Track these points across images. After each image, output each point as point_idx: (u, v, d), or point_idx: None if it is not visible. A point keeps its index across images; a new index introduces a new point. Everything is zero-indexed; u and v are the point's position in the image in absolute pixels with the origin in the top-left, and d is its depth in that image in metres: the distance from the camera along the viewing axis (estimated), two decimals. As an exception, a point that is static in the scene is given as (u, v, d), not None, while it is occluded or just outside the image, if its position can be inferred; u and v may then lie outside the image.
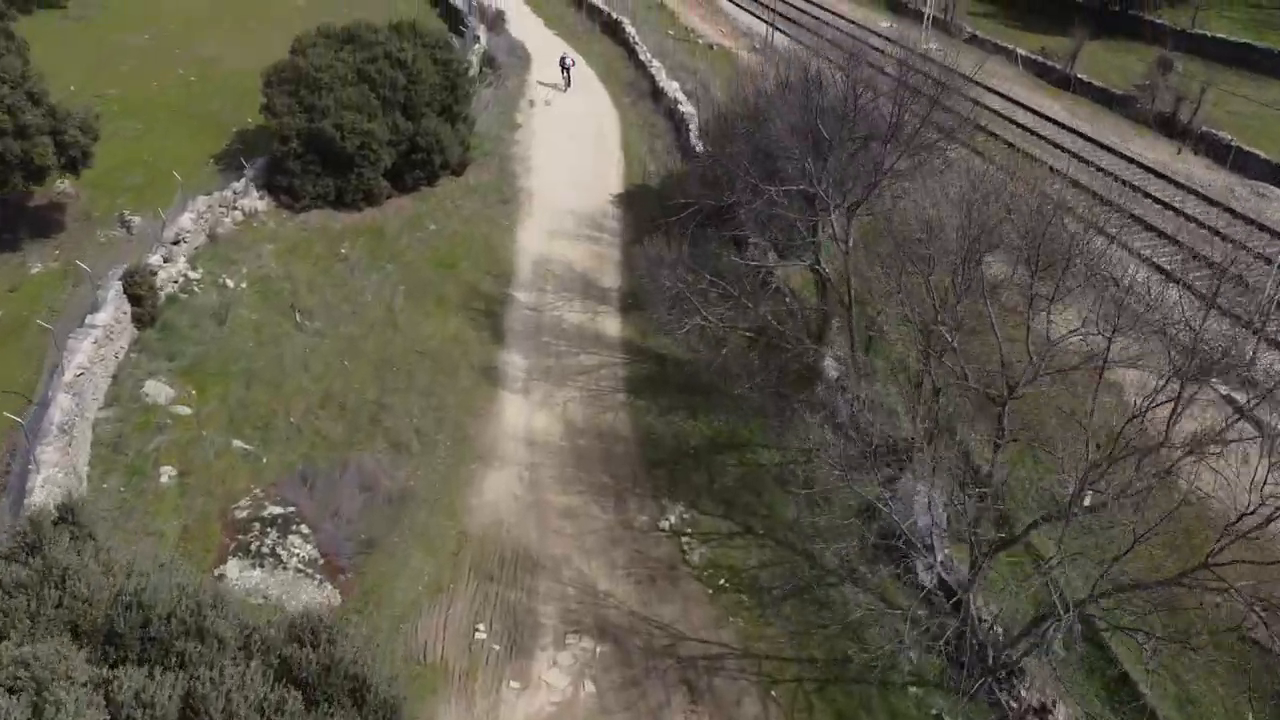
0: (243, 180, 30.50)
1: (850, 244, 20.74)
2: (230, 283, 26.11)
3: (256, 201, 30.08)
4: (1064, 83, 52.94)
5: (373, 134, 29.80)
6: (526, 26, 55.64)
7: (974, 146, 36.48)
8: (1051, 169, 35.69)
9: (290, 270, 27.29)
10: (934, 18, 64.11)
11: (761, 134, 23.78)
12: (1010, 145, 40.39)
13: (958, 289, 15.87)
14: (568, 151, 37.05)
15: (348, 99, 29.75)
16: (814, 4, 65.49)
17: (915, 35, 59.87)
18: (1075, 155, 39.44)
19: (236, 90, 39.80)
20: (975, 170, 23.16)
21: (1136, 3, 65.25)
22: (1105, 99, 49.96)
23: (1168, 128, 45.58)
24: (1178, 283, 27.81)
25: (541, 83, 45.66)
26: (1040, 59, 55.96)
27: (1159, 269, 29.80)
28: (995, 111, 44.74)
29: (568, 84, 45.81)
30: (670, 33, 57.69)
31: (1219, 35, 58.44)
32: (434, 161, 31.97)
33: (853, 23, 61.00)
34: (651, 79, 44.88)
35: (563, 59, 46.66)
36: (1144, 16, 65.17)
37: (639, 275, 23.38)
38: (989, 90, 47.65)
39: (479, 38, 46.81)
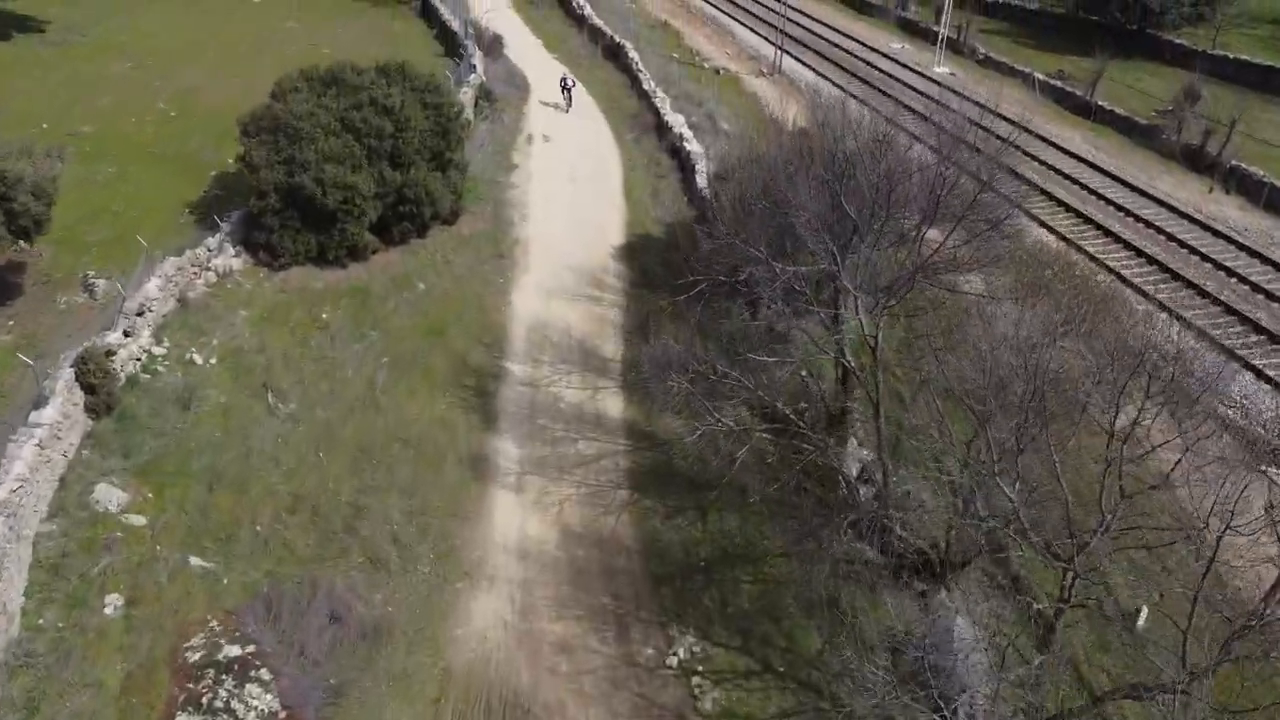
0: (217, 236, 28.29)
1: (879, 340, 18.48)
2: (199, 358, 23.86)
3: (232, 260, 27.84)
4: (1084, 110, 50.64)
5: (357, 188, 27.55)
6: (526, 50, 53.39)
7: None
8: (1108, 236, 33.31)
9: (265, 341, 25.03)
10: (946, 38, 61.82)
11: (778, 211, 21.44)
12: (1030, 184, 38.01)
13: (1020, 442, 13.59)
14: (567, 195, 34.81)
15: (330, 150, 27.51)
16: (823, 24, 63.20)
17: (928, 58, 57.67)
18: (1100, 196, 37.11)
19: (217, 127, 37.55)
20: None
21: (1155, 22, 62.90)
22: (1128, 128, 47.67)
23: (1195, 160, 43.29)
24: (1230, 354, 25.55)
25: (543, 102, 43.64)
26: (1058, 83, 53.65)
27: (1202, 333, 27.53)
28: (1003, 139, 42.34)
29: (569, 105, 44.22)
30: (675, 55, 55.44)
31: (1242, 57, 56.16)
32: (424, 214, 29.73)
33: (863, 44, 58.66)
34: (656, 112, 42.60)
35: (563, 80, 45.15)
36: (1163, 36, 62.88)
37: (644, 375, 21.05)
38: (1006, 120, 45.38)
39: (475, 66, 44.53)
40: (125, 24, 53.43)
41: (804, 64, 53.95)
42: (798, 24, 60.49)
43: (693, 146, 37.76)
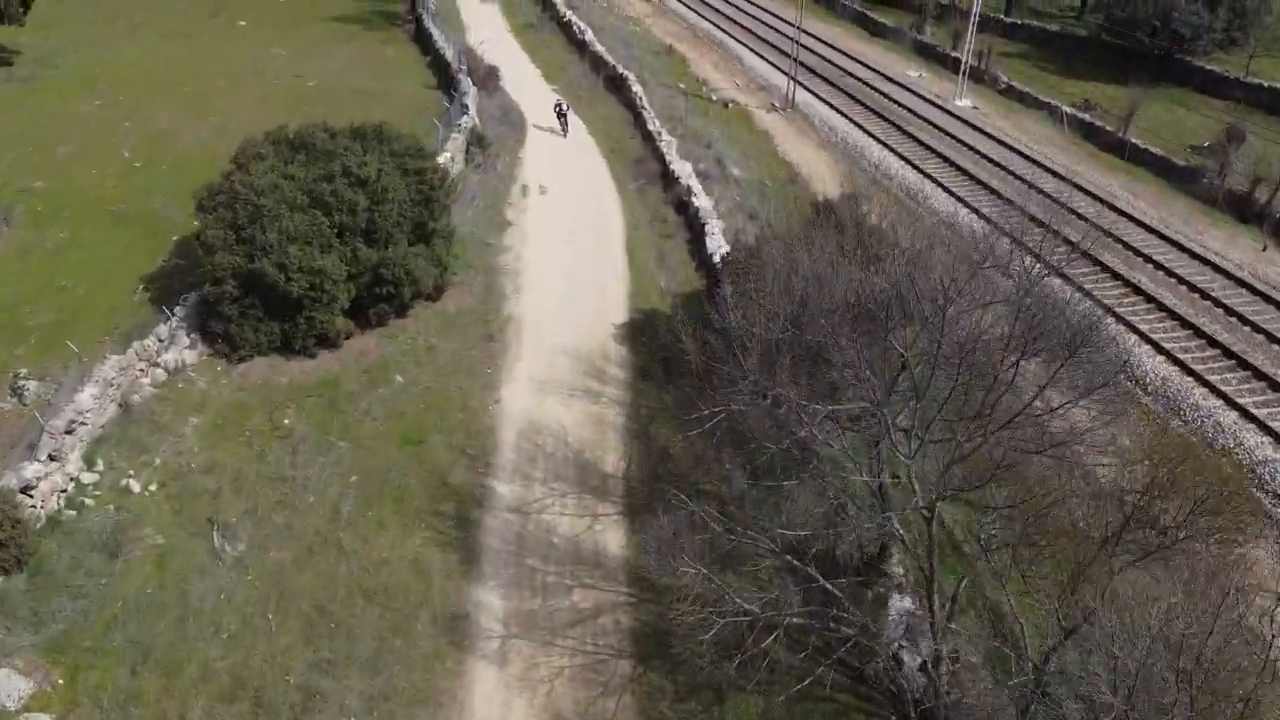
0: (170, 323, 24.99)
1: (936, 508, 15.08)
2: (136, 485, 20.53)
3: (185, 353, 24.50)
4: (1116, 147, 47.10)
5: (325, 272, 24.22)
6: (523, 81, 49.99)
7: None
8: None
9: (216, 458, 21.69)
10: (965, 65, 58.35)
11: (808, 325, 18.02)
12: (1067, 242, 34.51)
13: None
14: (564, 259, 31.43)
15: (295, 230, 24.15)
16: (836, 49, 59.69)
17: (948, 88, 54.16)
18: (1145, 257, 33.61)
19: (185, 179, 34.19)
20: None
21: (1185, 48, 59.37)
22: (1164, 169, 44.17)
23: (1241, 209, 39.90)
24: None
25: (538, 126, 40.43)
26: (1087, 117, 50.13)
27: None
28: (1039, 189, 38.93)
29: (565, 130, 42.72)
30: (681, 86, 51.99)
31: (1279, 85, 52.70)
32: (403, 294, 26.38)
33: (878, 72, 55.15)
34: (661, 157, 39.17)
35: (558, 106, 43.41)
36: (1193, 62, 59.36)
37: (649, 534, 17.63)
38: (1035, 164, 41.92)
39: (467, 106, 41.12)
40: (102, 54, 50.13)
41: (818, 96, 50.47)
42: (810, 49, 56.98)
43: (701, 202, 34.34)
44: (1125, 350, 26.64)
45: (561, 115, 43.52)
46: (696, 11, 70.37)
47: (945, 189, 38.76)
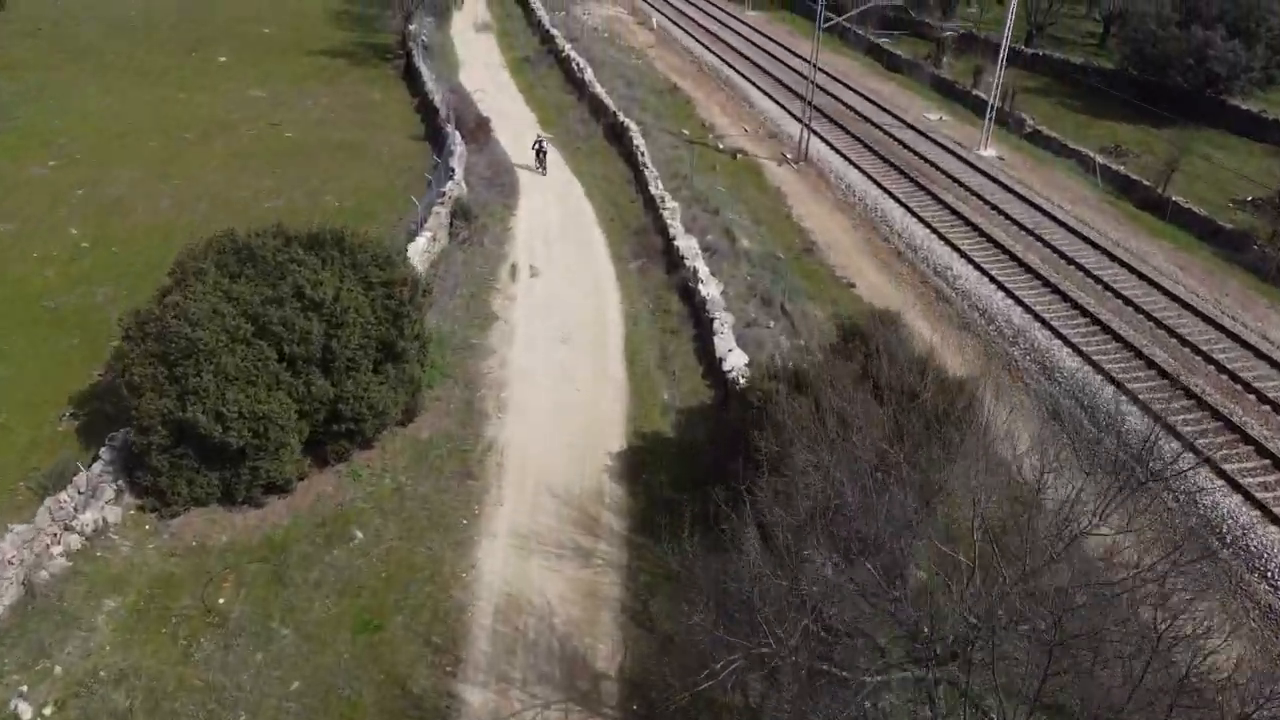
0: (94, 469, 21.30)
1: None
2: (27, 709, 16.82)
3: (107, 509, 20.77)
4: (1154, 205, 43.32)
5: (271, 418, 20.49)
6: (519, 129, 46.26)
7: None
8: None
9: (132, 660, 17.96)
10: (981, 101, 54.53)
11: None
12: (1109, 332, 30.79)
13: None
14: (555, 366, 27.68)
15: (236, 368, 20.42)
16: (850, 88, 55.83)
17: (970, 133, 50.33)
18: (1204, 354, 29.75)
19: (136, 263, 30.65)
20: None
21: (1222, 87, 55.54)
22: (1210, 231, 40.46)
23: (1298, 283, 36.16)
24: None
25: (517, 165, 37.24)
26: (1122, 169, 46.30)
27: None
28: (1079, 265, 35.21)
29: (543, 169, 41.46)
30: (685, 132, 48.29)
31: (1320, 129, 48.73)
32: (365, 430, 22.66)
33: (897, 117, 51.30)
34: (664, 230, 35.41)
35: (537, 143, 41.87)
36: (1228, 101, 55.54)
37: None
38: (1073, 232, 38.06)
39: (454, 171, 37.35)
40: (65, 101, 46.39)
41: (833, 147, 46.67)
42: (822, 88, 53.14)
43: (709, 291, 30.57)
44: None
45: (540, 153, 41.49)
46: (701, 43, 66.57)
47: (977, 266, 34.93)
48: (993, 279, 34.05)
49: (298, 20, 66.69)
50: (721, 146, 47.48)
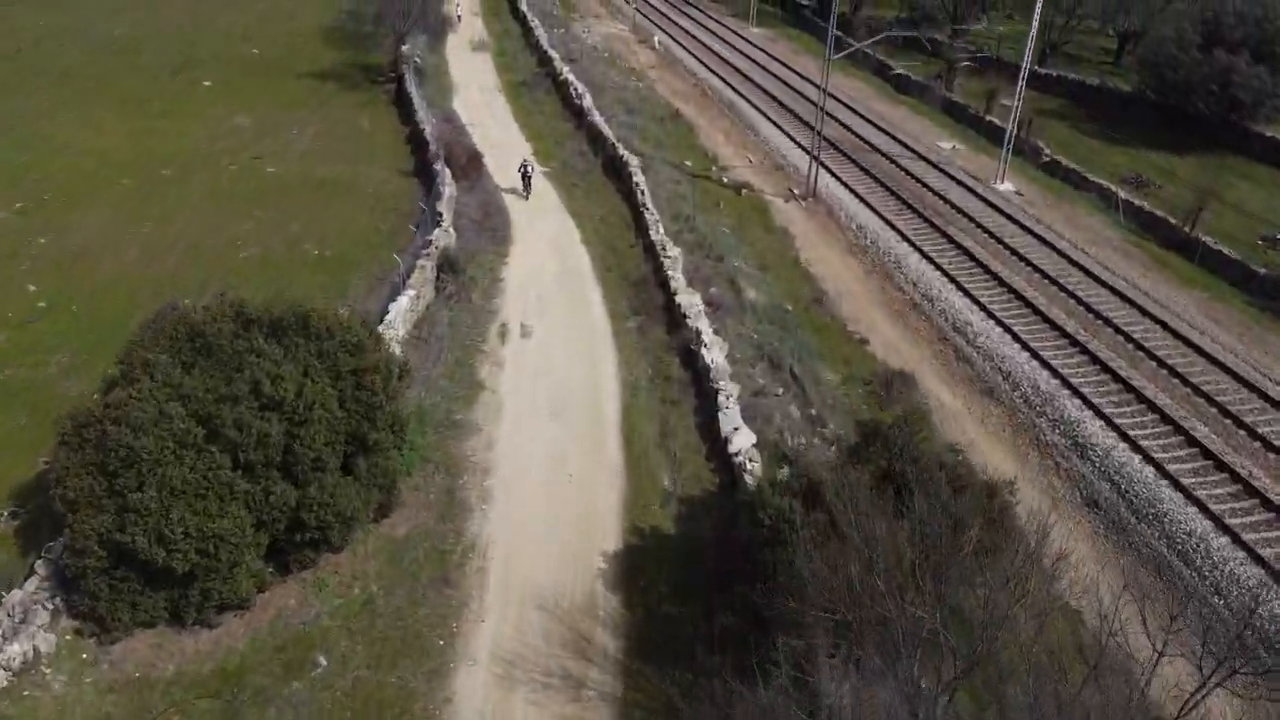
0: (27, 587, 19.00)
1: None
2: None
3: (40, 636, 18.45)
4: (1180, 245, 40.93)
5: (223, 538, 18.17)
6: (512, 159, 43.79)
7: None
8: None
9: (54, 834, 15.68)
10: (993, 125, 52.14)
11: None
12: (1145, 401, 28.36)
13: None
14: (545, 446, 25.30)
15: (183, 481, 18.09)
16: (860, 114, 53.39)
17: (985, 164, 47.91)
18: (1248, 429, 27.28)
19: (97, 326, 28.34)
20: None
21: (1246, 113, 53.11)
22: (1242, 276, 38.14)
23: (1340, 337, 33.72)
24: None
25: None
26: (1146, 206, 43.85)
27: None
28: (1108, 320, 32.79)
29: (528, 193, 40.27)
30: (688, 164, 45.92)
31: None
32: (330, 538, 20.33)
33: (909, 147, 48.86)
34: (665, 283, 33.04)
35: (523, 167, 40.56)
36: (1253, 128, 53.10)
37: None
38: (1099, 282, 35.61)
39: (441, 217, 34.99)
40: (39, 132, 44.21)
41: (842, 182, 44.27)
42: (831, 114, 50.71)
43: (713, 356, 28.19)
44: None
45: (526, 177, 40.30)
46: (704, 64, 64.13)
47: (998, 321, 32.51)
48: (1016, 337, 31.64)
49: (288, 39, 64.32)
50: (726, 180, 45.08)
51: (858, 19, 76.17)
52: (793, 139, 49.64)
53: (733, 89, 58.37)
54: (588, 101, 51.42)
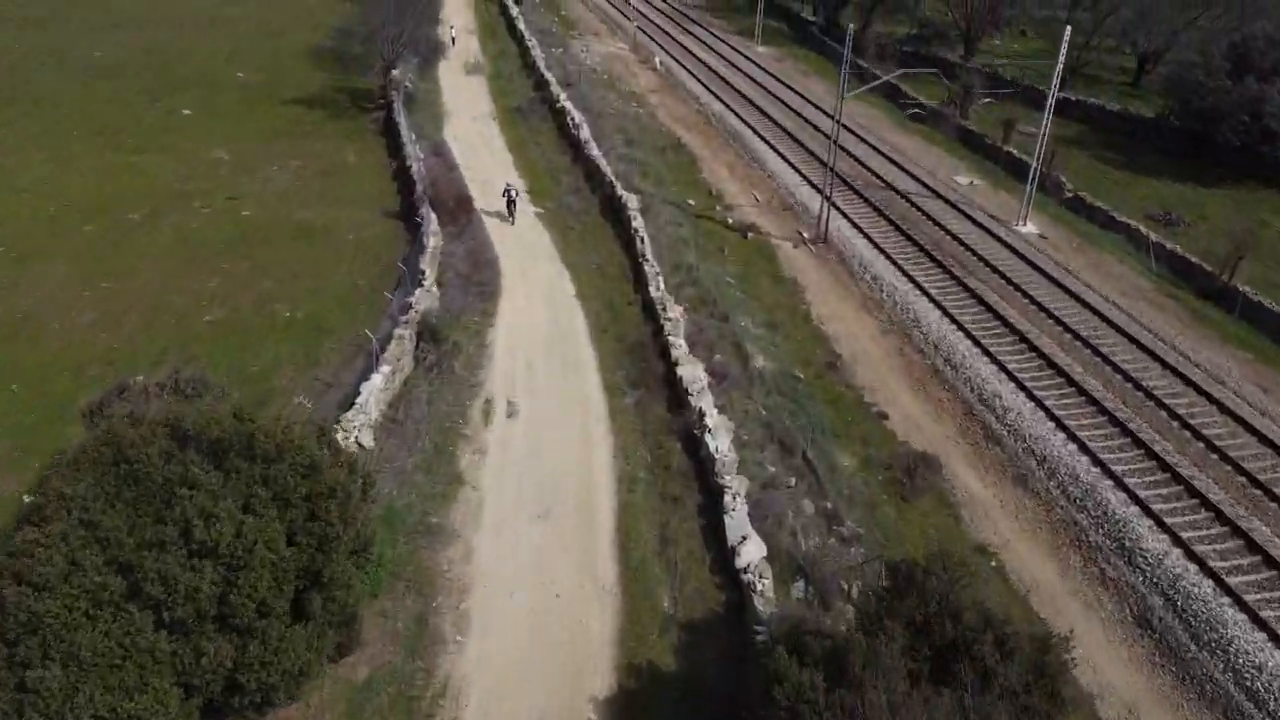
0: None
1: None
2: None
3: (-72, 830, 15.54)
4: (1217, 294, 37.97)
5: (141, 719, 15.25)
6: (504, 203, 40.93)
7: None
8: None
9: None
10: (1011, 155, 49.27)
11: None
12: (1196, 495, 25.39)
13: None
14: (531, 557, 22.34)
15: (95, 650, 15.19)
16: (871, 145, 50.42)
17: (1005, 202, 44.94)
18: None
19: (40, 409, 25.49)
20: None
21: (1276, 142, 50.18)
22: (1285, 331, 35.04)
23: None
24: None
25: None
26: (1179, 250, 40.86)
27: None
28: (1149, 392, 29.81)
29: (512, 218, 39.08)
30: (690, 202, 43.01)
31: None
32: (274, 697, 17.40)
33: (924, 184, 45.90)
34: (665, 349, 30.10)
35: (508, 190, 39.15)
36: (1282, 159, 49.89)
37: None
38: (1135, 343, 32.62)
39: (424, 275, 32.10)
40: (2, 167, 41.06)
41: (854, 224, 41.34)
42: (841, 146, 47.83)
43: (718, 444, 25.24)
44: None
45: (510, 202, 39.01)
46: (708, 87, 61.13)
47: (1029, 394, 29.54)
48: (1050, 413, 28.65)
49: (275, 61, 61.42)
50: (730, 221, 42.13)
51: (867, 37, 73.12)
52: (801, 174, 46.68)
53: (737, 115, 55.37)
54: (585, 132, 48.49)
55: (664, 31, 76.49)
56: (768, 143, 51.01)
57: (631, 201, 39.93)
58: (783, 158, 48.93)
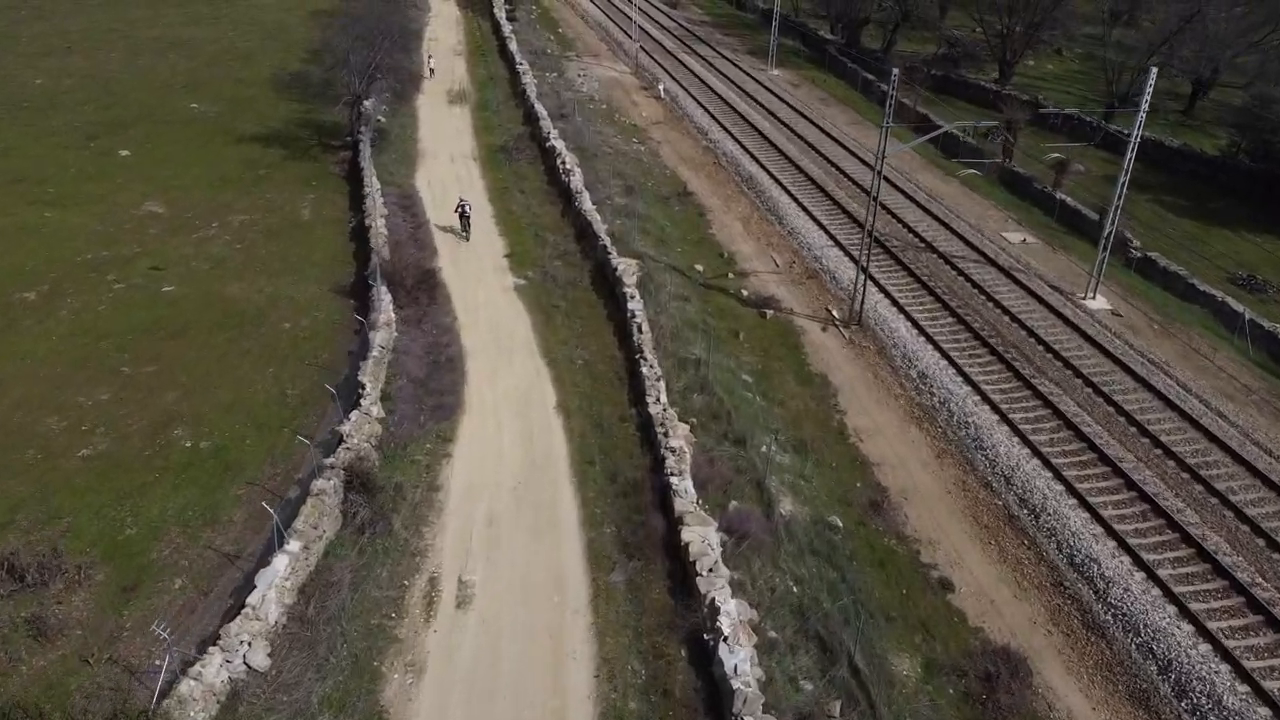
0: None
1: None
2: None
3: None
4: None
5: None
6: (479, 272, 34.24)
7: None
8: None
9: None
10: (1063, 204, 42.26)
11: None
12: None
13: None
14: None
15: None
16: (903, 191, 43.36)
17: (1063, 268, 37.86)
18: None
19: None
20: None
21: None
22: None
23: None
24: None
25: (483, 375, 23.94)
26: (1277, 330, 33.72)
27: None
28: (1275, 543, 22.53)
29: (467, 233, 36.62)
30: (698, 268, 36.09)
31: None
32: None
33: (972, 244, 38.85)
34: (665, 487, 23.12)
35: (462, 205, 36.79)
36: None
37: None
38: (1245, 466, 25.46)
39: (364, 390, 25.20)
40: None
41: (892, 300, 34.31)
42: (883, 206, 40.99)
43: (737, 658, 18.22)
44: None
45: (464, 217, 36.59)
46: (717, 119, 54.02)
47: (1137, 560, 22.48)
48: (1168, 591, 21.61)
49: (237, 90, 54.56)
50: (746, 293, 35.17)
51: (890, 57, 66.02)
52: (827, 231, 39.67)
53: (751, 155, 48.33)
54: (577, 179, 41.54)
55: (668, 52, 69.45)
56: (786, 190, 43.97)
57: (628, 274, 32.96)
58: (804, 209, 41.88)
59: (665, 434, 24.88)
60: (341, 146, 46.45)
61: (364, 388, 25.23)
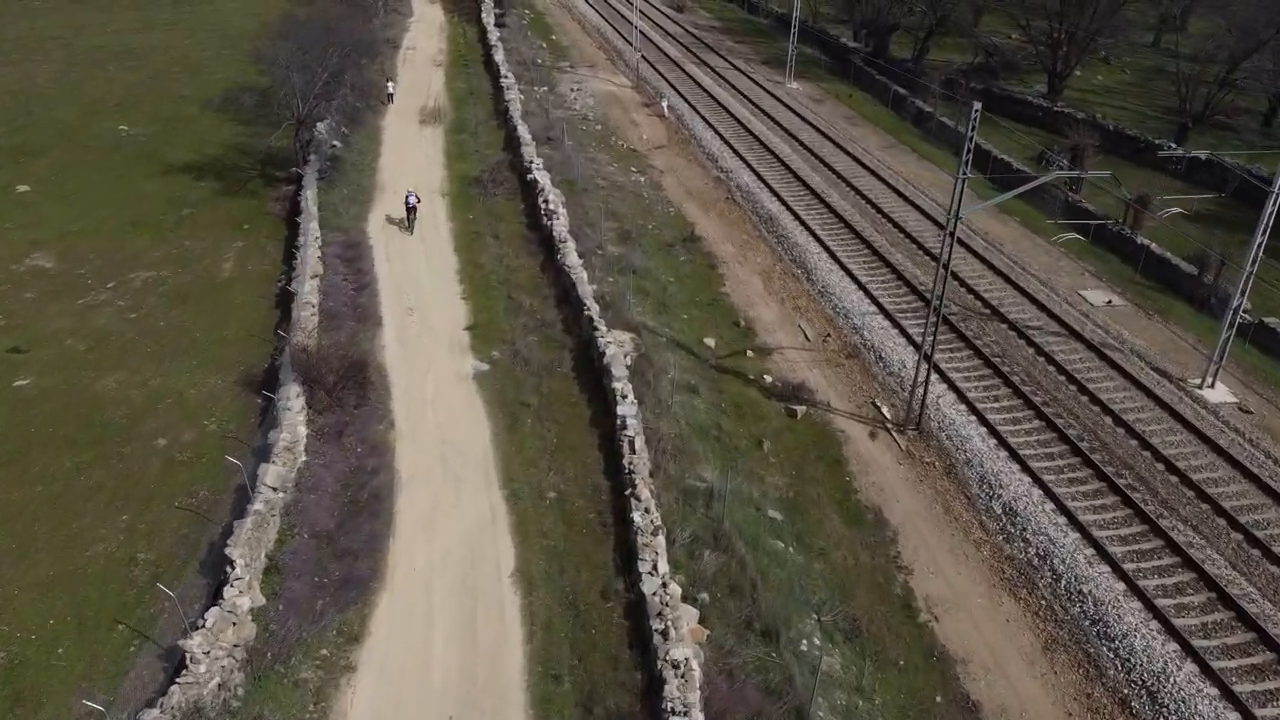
0: None
1: None
2: None
3: None
4: None
5: None
6: (433, 350, 26.48)
7: None
8: None
9: None
10: (1149, 251, 34.32)
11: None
12: None
13: None
14: None
15: None
16: (973, 249, 35.31)
17: (1168, 340, 29.83)
18: None
19: None
20: None
21: None
22: None
23: None
24: None
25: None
26: None
27: None
28: None
29: (411, 225, 33.59)
30: (708, 343, 28.13)
31: None
32: None
33: (1043, 306, 30.81)
34: (660, 686, 15.25)
35: (409, 200, 33.56)
36: None
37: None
38: None
39: (230, 582, 17.36)
40: None
41: (957, 390, 26.25)
42: (916, 238, 33.10)
43: None
44: None
45: (411, 209, 33.67)
46: (730, 143, 46.01)
47: None
48: None
49: (177, 108, 46.79)
50: (769, 379, 27.29)
51: (921, 68, 57.90)
52: (868, 292, 31.72)
53: (770, 190, 40.34)
54: (561, 224, 33.67)
55: (674, 63, 61.41)
56: (815, 235, 36.00)
57: (619, 362, 25.08)
58: (838, 262, 33.89)
59: (665, 632, 16.98)
60: (286, 179, 38.67)
61: (233, 566, 17.35)
